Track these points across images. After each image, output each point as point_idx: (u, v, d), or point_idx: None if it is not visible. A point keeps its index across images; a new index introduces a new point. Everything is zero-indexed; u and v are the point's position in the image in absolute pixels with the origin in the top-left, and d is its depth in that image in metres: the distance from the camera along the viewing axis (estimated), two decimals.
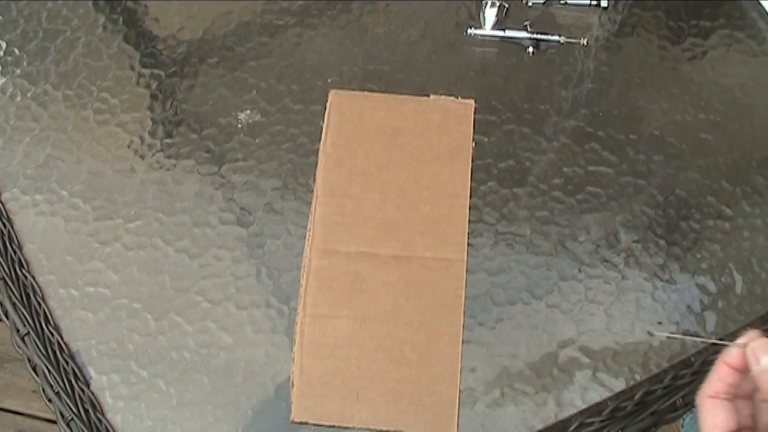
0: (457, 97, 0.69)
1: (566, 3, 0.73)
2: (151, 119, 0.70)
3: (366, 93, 0.69)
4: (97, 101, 0.71)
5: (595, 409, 0.58)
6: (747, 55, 0.72)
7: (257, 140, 0.69)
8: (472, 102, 0.69)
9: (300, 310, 0.61)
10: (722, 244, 0.64)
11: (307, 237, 0.64)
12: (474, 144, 0.67)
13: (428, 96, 0.69)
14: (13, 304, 0.62)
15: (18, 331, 0.61)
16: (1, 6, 0.76)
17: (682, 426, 1.09)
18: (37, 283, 0.63)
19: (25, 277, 0.63)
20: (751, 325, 0.60)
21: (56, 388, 0.59)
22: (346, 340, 0.60)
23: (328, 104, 0.69)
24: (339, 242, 0.63)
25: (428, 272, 0.62)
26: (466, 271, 0.62)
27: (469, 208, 0.64)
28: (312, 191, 0.65)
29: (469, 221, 0.64)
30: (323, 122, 0.68)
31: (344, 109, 0.68)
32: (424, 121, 0.67)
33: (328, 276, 0.62)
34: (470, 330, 0.61)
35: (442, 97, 0.69)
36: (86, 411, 0.58)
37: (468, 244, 0.63)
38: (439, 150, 0.66)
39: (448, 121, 0.68)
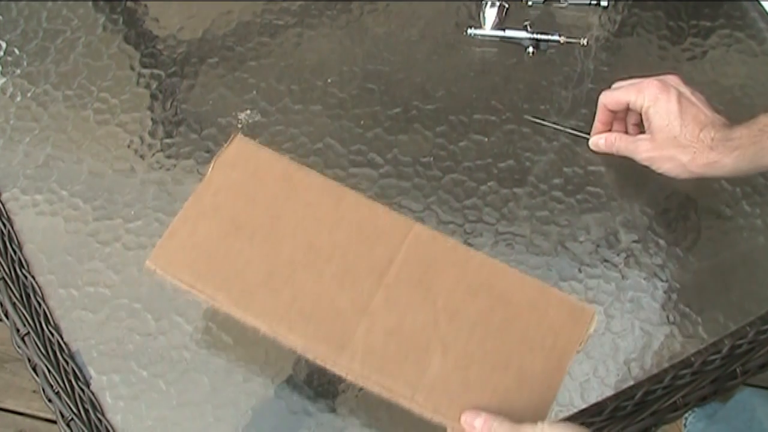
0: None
1: (566, 3, 0.73)
2: (151, 119, 0.70)
3: None
4: (97, 101, 0.71)
5: (595, 409, 0.58)
6: (747, 55, 0.72)
7: (257, 140, 0.68)
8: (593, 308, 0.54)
9: None
10: (722, 244, 0.64)
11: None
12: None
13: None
14: (13, 304, 0.62)
15: (18, 331, 0.61)
16: (1, 6, 0.76)
17: (685, 425, 1.09)
18: (37, 283, 0.63)
19: (25, 277, 0.63)
20: (750, 326, 0.60)
21: (56, 388, 0.59)
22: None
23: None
24: None
25: None
26: None
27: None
28: None
29: (469, 221, 0.64)
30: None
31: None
32: None
33: None
34: None
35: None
36: (86, 411, 0.58)
37: (468, 243, 0.63)
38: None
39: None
